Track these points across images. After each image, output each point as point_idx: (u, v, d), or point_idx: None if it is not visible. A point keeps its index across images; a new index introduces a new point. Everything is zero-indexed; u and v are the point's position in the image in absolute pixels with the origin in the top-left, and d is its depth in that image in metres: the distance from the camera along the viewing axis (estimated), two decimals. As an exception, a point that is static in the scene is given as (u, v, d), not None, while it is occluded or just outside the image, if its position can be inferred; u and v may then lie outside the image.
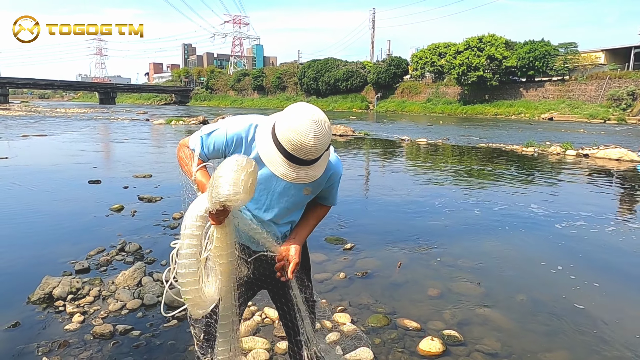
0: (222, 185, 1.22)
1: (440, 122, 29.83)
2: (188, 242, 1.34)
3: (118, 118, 29.08)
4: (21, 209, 5.37)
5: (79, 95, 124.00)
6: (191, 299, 1.37)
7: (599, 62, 40.88)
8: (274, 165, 1.30)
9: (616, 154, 11.38)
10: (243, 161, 1.25)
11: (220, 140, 1.43)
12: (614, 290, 3.34)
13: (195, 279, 1.36)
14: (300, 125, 1.24)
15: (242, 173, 1.23)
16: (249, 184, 1.24)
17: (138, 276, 3.20)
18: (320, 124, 1.26)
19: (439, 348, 2.43)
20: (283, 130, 1.26)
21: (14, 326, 2.57)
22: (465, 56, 43.71)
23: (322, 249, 4.04)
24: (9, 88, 68.20)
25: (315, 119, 1.25)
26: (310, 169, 1.31)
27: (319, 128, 1.25)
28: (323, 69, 60.63)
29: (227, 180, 1.22)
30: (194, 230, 1.34)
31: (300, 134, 1.23)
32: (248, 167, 1.25)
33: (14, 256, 3.79)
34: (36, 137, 14.84)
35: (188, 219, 1.35)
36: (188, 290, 1.36)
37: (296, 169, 1.29)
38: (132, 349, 2.39)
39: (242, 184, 1.23)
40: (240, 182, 1.22)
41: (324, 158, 1.35)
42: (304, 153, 1.25)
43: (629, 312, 3.01)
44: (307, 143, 1.24)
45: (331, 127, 1.32)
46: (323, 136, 1.26)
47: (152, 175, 7.65)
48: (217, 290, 1.44)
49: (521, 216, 5.46)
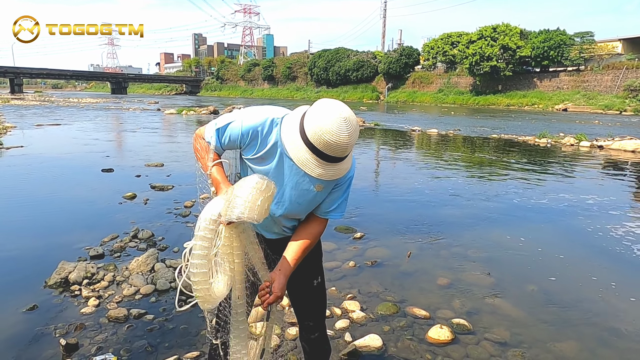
0: (238, 206, 1.26)
1: (451, 113, 29.52)
2: (200, 244, 1.38)
3: (130, 108, 29.32)
4: (36, 196, 5.48)
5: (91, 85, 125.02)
6: (201, 297, 1.42)
7: (616, 52, 39.91)
8: (309, 168, 1.32)
9: (632, 145, 11.18)
10: (263, 185, 1.27)
11: (235, 133, 1.42)
12: (625, 282, 3.31)
13: (205, 279, 1.41)
14: (332, 124, 1.25)
15: (260, 198, 1.26)
16: (265, 209, 1.28)
17: (151, 262, 3.25)
18: (350, 120, 1.27)
19: (447, 336, 2.44)
20: (314, 130, 1.27)
21: (32, 309, 2.65)
22: (478, 46, 42.98)
23: (332, 238, 4.06)
24: (23, 78, 69.08)
25: (344, 116, 1.26)
26: (337, 166, 1.34)
27: (349, 126, 1.26)
28: (333, 59, 60.22)
29: (244, 203, 1.26)
30: (206, 233, 1.37)
31: (333, 134, 1.25)
32: (266, 192, 1.28)
33: (30, 242, 3.88)
34: (50, 126, 15.04)
35: (202, 221, 1.38)
36: (199, 288, 1.41)
37: (329, 166, 1.32)
38: (146, 332, 2.45)
39: (257, 209, 1.26)
40: (256, 207, 1.26)
41: (350, 155, 1.39)
42: (338, 151, 1.28)
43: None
44: (340, 141, 1.26)
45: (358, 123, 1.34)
46: (355, 131, 1.29)
47: (164, 164, 7.73)
48: (225, 286, 1.47)
49: (532, 207, 5.42)
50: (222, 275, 1.47)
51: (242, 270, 1.47)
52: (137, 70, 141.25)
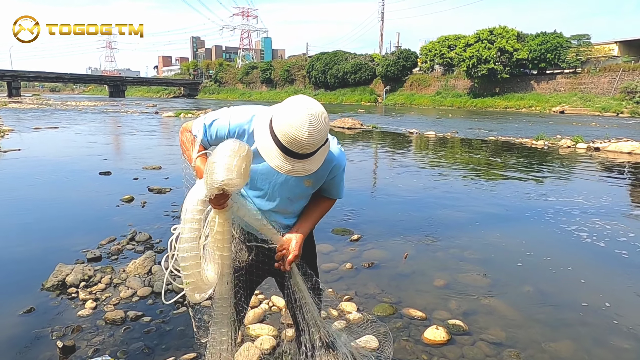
0: (217, 171, 1.25)
1: (449, 115, 29.59)
2: (190, 227, 1.36)
3: (128, 111, 29.31)
4: (34, 199, 5.48)
5: (89, 89, 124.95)
6: (193, 282, 1.40)
7: (612, 54, 40.11)
8: (269, 157, 1.29)
9: (628, 147, 11.22)
10: (235, 146, 1.27)
11: (223, 130, 1.43)
12: (620, 283, 3.33)
13: (197, 262, 1.39)
14: (296, 118, 1.22)
15: (235, 158, 1.25)
16: (243, 168, 1.26)
17: (148, 265, 3.26)
18: (317, 118, 1.23)
19: (443, 337, 2.46)
20: (279, 122, 1.25)
21: (29, 311, 2.65)
22: (475, 48, 43.13)
23: (329, 240, 4.07)
24: (20, 81, 68.91)
25: (311, 112, 1.23)
26: (306, 163, 1.29)
27: (315, 122, 1.22)
28: (331, 62, 60.32)
29: (221, 165, 1.25)
30: (195, 215, 1.36)
31: (295, 128, 1.22)
32: (241, 152, 1.27)
33: (27, 244, 3.88)
34: (48, 129, 15.03)
35: (189, 204, 1.37)
36: (190, 273, 1.38)
37: (291, 161, 1.28)
38: (143, 334, 2.45)
39: (235, 169, 1.25)
40: (234, 166, 1.25)
41: (322, 152, 1.33)
42: (299, 147, 1.24)
43: (635, 303, 3.00)
44: (301, 137, 1.22)
45: (329, 121, 1.30)
46: (319, 131, 1.23)
47: (162, 167, 7.74)
48: (215, 274, 1.47)
49: (529, 209, 5.44)
50: (211, 265, 1.47)
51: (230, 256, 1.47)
52: (135, 73, 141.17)
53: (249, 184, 1.53)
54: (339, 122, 18.51)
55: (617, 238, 4.33)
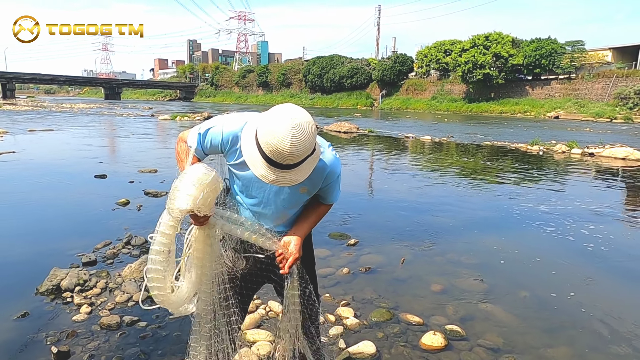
0: (176, 199, 1.24)
1: (445, 120, 29.73)
2: (159, 239, 1.34)
3: (123, 113, 29.22)
4: (28, 202, 5.43)
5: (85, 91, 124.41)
6: (157, 295, 1.38)
7: (606, 60, 40.52)
8: (254, 166, 1.27)
9: (622, 153, 11.32)
10: (200, 173, 1.26)
11: (216, 139, 1.42)
12: (616, 288, 3.35)
13: (159, 277, 1.35)
14: (279, 129, 1.18)
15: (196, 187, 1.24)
16: (201, 198, 1.25)
17: (144, 269, 3.23)
18: (301, 129, 1.19)
19: (441, 342, 2.45)
20: (263, 132, 1.22)
21: (23, 316, 2.62)
22: (471, 54, 43.45)
23: (326, 245, 4.06)
24: (15, 83, 68.65)
25: (296, 123, 1.18)
26: (291, 173, 1.26)
27: (299, 134, 1.18)
28: (328, 66, 60.50)
29: (182, 193, 1.24)
30: (165, 229, 1.34)
31: (278, 138, 1.18)
32: (205, 179, 1.25)
33: (22, 248, 3.84)
34: (42, 131, 14.94)
35: (164, 216, 1.35)
36: (152, 286, 1.37)
37: (275, 171, 1.25)
38: (138, 339, 2.43)
39: (191, 198, 1.24)
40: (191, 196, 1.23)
41: (309, 162, 1.29)
42: (282, 158, 1.21)
43: (631, 309, 3.01)
44: (284, 148, 1.18)
45: (315, 131, 1.25)
46: (302, 142, 1.19)
47: (158, 171, 7.71)
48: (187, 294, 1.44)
49: (525, 214, 5.46)
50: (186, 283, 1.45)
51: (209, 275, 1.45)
52: (131, 75, 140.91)
53: (244, 192, 1.52)
54: (335, 126, 18.54)
55: (613, 244, 4.35)
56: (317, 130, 1.29)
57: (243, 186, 1.49)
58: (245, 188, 1.49)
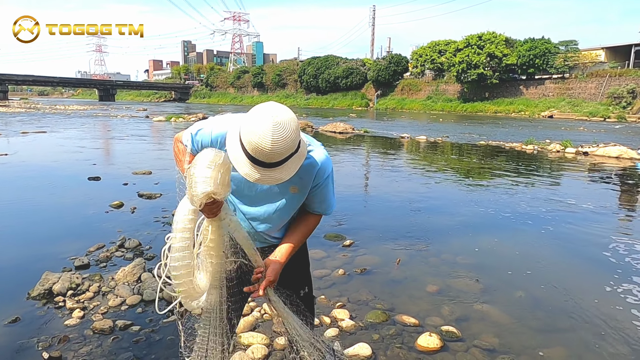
0: (197, 184, 1.24)
1: (440, 120, 29.82)
2: (181, 236, 1.36)
3: (117, 115, 29.07)
4: (21, 205, 5.38)
5: (79, 92, 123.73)
6: (185, 291, 1.40)
7: (599, 60, 40.80)
8: (239, 165, 1.25)
9: (616, 151, 11.39)
10: (211, 155, 1.25)
11: (206, 139, 1.43)
12: (611, 288, 3.35)
13: (189, 271, 1.39)
14: (260, 127, 1.17)
15: (211, 168, 1.24)
16: (220, 178, 1.24)
17: (138, 272, 3.21)
18: (283, 126, 1.18)
19: (437, 344, 2.44)
20: (245, 131, 1.21)
21: (14, 321, 2.59)
22: (465, 54, 43.61)
23: (322, 246, 4.05)
24: (8, 85, 68.09)
25: (277, 120, 1.17)
26: (275, 172, 1.24)
27: (280, 131, 1.17)
28: (323, 67, 60.52)
29: (199, 178, 1.24)
30: (186, 224, 1.37)
31: (259, 136, 1.17)
32: (217, 160, 1.25)
33: (14, 252, 3.80)
34: (36, 133, 14.83)
35: (180, 214, 1.38)
36: (182, 282, 1.38)
37: (259, 170, 1.23)
38: (131, 344, 2.40)
39: (211, 180, 1.23)
40: (210, 178, 1.23)
41: (294, 160, 1.27)
42: (264, 156, 1.19)
43: (626, 309, 3.02)
44: (265, 146, 1.17)
45: (298, 129, 1.24)
46: (283, 140, 1.18)
47: (152, 172, 7.66)
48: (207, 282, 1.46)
49: (520, 213, 5.47)
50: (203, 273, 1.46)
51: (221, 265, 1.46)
52: (126, 77, 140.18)
53: (236, 193, 1.52)
54: (331, 127, 18.53)
55: (608, 243, 4.36)
56: (310, 134, 1.28)
57: (234, 186, 1.48)
58: (236, 188, 1.48)
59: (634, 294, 3.21)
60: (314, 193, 1.51)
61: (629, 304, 3.08)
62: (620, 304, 3.06)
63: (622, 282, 3.45)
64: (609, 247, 4.23)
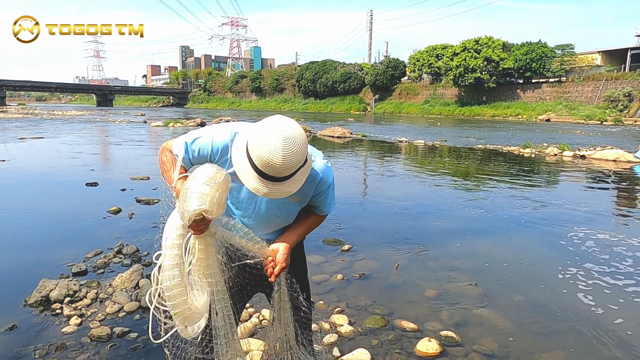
0: (191, 200, 1.21)
1: (437, 124, 29.89)
2: (170, 253, 1.31)
3: (115, 120, 29.04)
4: (18, 211, 5.35)
5: (76, 98, 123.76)
6: (181, 312, 1.34)
7: (595, 64, 41.08)
8: (246, 179, 1.25)
9: (613, 155, 11.43)
10: (211, 172, 1.23)
11: (205, 148, 1.40)
12: (610, 291, 3.35)
13: (182, 290, 1.32)
14: (270, 142, 1.17)
15: (209, 186, 1.22)
16: (217, 197, 1.22)
17: (135, 278, 3.19)
18: (293, 140, 1.18)
19: (436, 349, 2.43)
20: (253, 145, 1.21)
21: (11, 329, 2.57)
22: (462, 58, 43.87)
23: (320, 251, 4.04)
24: (6, 90, 68.03)
25: (287, 135, 1.18)
26: (284, 185, 1.25)
27: (290, 145, 1.18)
28: (321, 71, 60.72)
29: (195, 194, 1.20)
30: (174, 240, 1.31)
31: (269, 152, 1.17)
32: (217, 178, 1.23)
33: (10, 258, 3.77)
34: (33, 139, 14.80)
35: (168, 230, 1.32)
36: (176, 303, 1.33)
37: (268, 184, 1.23)
38: (129, 351, 2.39)
39: (208, 198, 1.21)
40: (206, 196, 1.21)
41: (301, 173, 1.28)
42: (274, 170, 1.20)
43: (626, 313, 3.01)
44: (275, 161, 1.18)
45: (306, 143, 1.25)
46: (294, 154, 1.19)
47: (150, 178, 7.64)
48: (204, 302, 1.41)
49: (518, 217, 5.47)
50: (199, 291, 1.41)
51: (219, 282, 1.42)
52: (124, 82, 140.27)
53: (235, 204, 1.50)
54: (329, 131, 18.56)
55: (605, 246, 4.36)
56: (308, 139, 1.27)
57: (233, 197, 1.47)
58: (235, 199, 1.47)
59: (634, 299, 3.21)
60: (315, 200, 1.51)
61: (629, 308, 3.07)
62: (620, 308, 3.06)
63: (622, 286, 3.45)
64: (608, 251, 4.23)
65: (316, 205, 1.55)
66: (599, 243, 4.45)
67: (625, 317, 2.92)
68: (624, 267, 3.82)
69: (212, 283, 1.39)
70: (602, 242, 4.47)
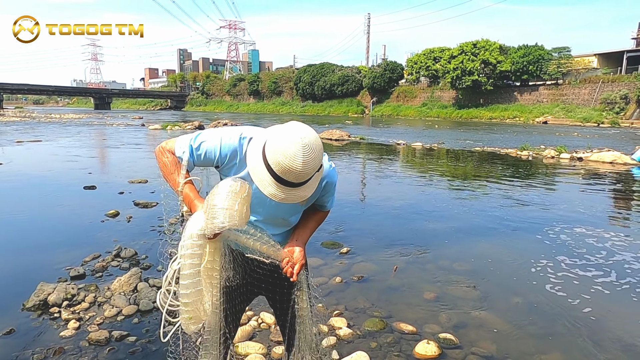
0: (218, 215, 1.23)
1: (435, 126, 29.96)
2: (190, 262, 1.32)
3: (113, 123, 29.00)
4: (16, 215, 5.34)
5: (74, 101, 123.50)
6: (193, 317, 1.37)
7: (592, 66, 41.27)
8: (263, 185, 1.26)
9: (610, 157, 11.48)
10: (237, 187, 1.24)
11: (213, 152, 1.39)
12: (608, 294, 3.36)
13: (198, 298, 1.36)
14: (289, 148, 1.19)
15: (237, 201, 1.23)
16: (244, 212, 1.25)
17: (134, 282, 3.19)
18: (310, 147, 1.21)
19: (434, 351, 2.44)
20: (272, 152, 1.22)
21: (9, 333, 2.56)
22: (459, 60, 44.01)
23: (319, 253, 4.04)
24: (3, 94, 67.85)
25: (305, 142, 1.20)
26: (300, 190, 1.27)
27: (309, 152, 1.20)
28: (319, 74, 60.82)
29: (222, 210, 1.22)
30: (195, 250, 1.32)
31: (289, 158, 1.19)
32: (242, 193, 1.24)
33: (8, 262, 3.77)
34: (31, 143, 14.76)
35: (187, 239, 1.32)
36: (192, 309, 1.36)
37: (285, 190, 1.26)
38: (128, 355, 2.38)
39: (237, 214, 1.23)
40: (235, 211, 1.23)
41: (315, 178, 1.30)
42: (293, 176, 1.22)
43: (624, 315, 3.03)
44: (295, 167, 1.20)
45: (322, 148, 1.28)
46: (312, 160, 1.21)
47: (148, 181, 7.63)
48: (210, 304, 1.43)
49: (516, 219, 5.49)
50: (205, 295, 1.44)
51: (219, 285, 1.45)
52: (121, 85, 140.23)
53: None
54: (327, 134, 18.57)
55: (604, 248, 4.38)
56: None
57: None
58: None
59: (632, 300, 3.23)
60: (320, 200, 1.56)
61: (627, 309, 3.09)
62: (618, 309, 3.07)
63: (621, 288, 3.46)
64: (605, 252, 4.25)
65: (321, 203, 1.60)
66: (597, 246, 4.47)
67: (623, 318, 2.94)
68: (623, 269, 3.83)
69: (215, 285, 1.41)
70: (601, 245, 4.49)
